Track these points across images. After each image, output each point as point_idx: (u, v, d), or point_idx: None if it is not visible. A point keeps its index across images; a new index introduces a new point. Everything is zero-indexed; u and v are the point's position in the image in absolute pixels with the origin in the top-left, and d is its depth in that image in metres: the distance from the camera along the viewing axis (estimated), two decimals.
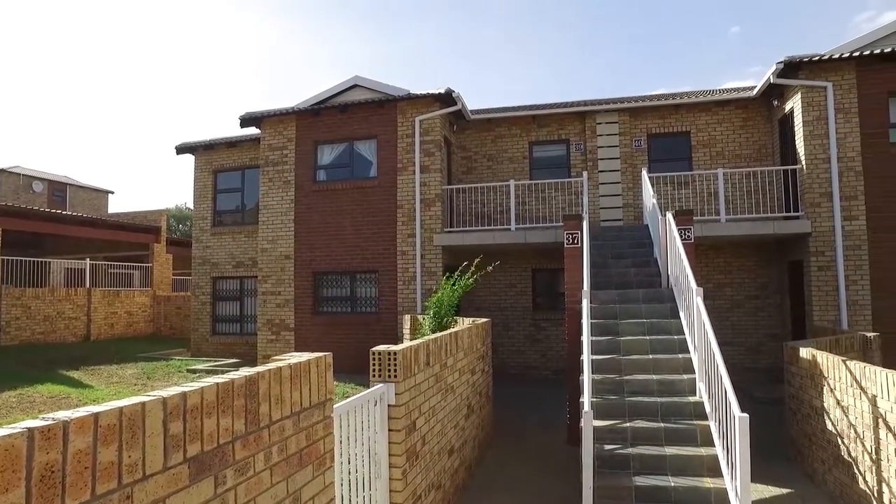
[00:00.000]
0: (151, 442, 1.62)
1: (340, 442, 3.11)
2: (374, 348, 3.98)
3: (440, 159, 12.18)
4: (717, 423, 5.09)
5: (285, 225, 12.91)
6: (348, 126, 12.70)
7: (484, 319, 8.02)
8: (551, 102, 13.82)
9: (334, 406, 2.92)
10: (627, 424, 5.64)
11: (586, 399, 4.90)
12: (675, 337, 6.73)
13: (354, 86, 13.33)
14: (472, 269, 8.43)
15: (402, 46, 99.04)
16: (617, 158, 12.70)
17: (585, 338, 5.76)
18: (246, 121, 13.26)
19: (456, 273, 8.77)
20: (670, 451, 5.26)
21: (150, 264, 21.69)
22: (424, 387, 4.63)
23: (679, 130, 12.69)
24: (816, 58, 10.32)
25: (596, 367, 6.30)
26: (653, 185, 10.10)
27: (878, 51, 10.17)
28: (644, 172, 10.51)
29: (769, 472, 6.22)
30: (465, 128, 13.66)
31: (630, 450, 5.33)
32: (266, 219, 13.08)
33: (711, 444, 5.23)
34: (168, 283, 22.51)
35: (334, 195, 12.68)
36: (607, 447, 5.37)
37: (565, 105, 13.36)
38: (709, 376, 5.39)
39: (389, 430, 3.89)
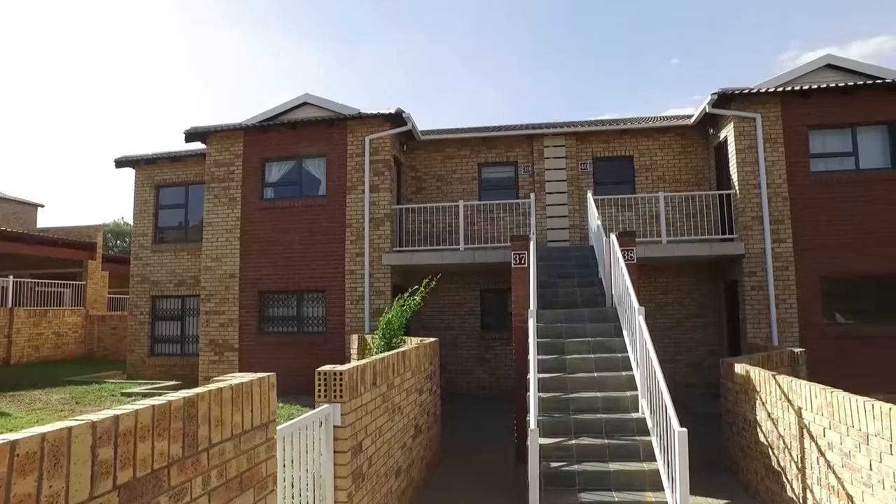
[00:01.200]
0: (77, 470, 1.54)
1: (284, 465, 3.03)
2: (319, 368, 3.92)
3: (390, 179, 12.19)
4: (658, 439, 5.24)
5: (230, 243, 12.59)
6: (297, 144, 12.57)
7: (432, 339, 8.01)
8: (500, 125, 14.11)
9: (278, 427, 2.85)
10: (573, 442, 5.72)
11: (532, 417, 4.95)
12: (619, 355, 6.91)
13: (304, 103, 13.24)
14: (421, 289, 8.42)
15: (352, 66, 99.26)
16: (563, 181, 13.05)
17: (532, 357, 5.83)
18: (191, 136, 12.93)
19: (406, 294, 8.75)
20: (614, 466, 5.37)
21: (83, 282, 20.64)
22: (371, 407, 4.58)
23: (623, 155, 13.17)
24: (746, 90, 10.97)
25: (542, 386, 6.39)
26: (598, 207, 10.42)
27: (797, 87, 10.92)
28: (589, 195, 10.84)
29: (708, 485, 6.42)
30: (414, 148, 13.76)
31: (575, 466, 5.40)
32: (210, 236, 12.72)
33: (653, 459, 5.37)
34: (103, 302, 21.45)
35: (282, 213, 12.48)
36: (553, 464, 5.43)
37: (514, 128, 13.67)
38: (651, 393, 5.55)
39: (335, 451, 3.82)
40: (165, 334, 14.56)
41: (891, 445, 3.83)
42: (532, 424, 4.82)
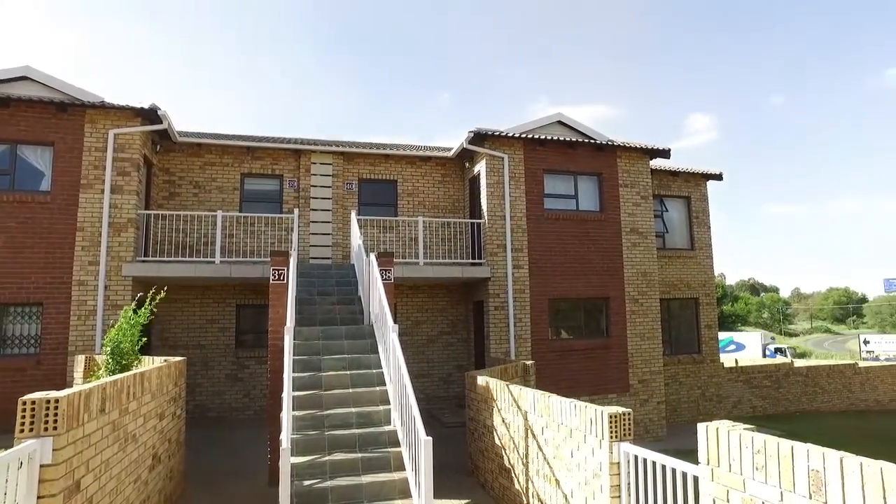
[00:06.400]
0: None
1: None
2: (24, 397, 3.29)
3: (137, 180, 10.86)
4: (408, 448, 5.53)
5: None
6: (11, 125, 10.40)
7: (178, 358, 7.30)
8: (268, 136, 13.65)
9: None
10: (326, 458, 5.71)
11: (285, 436, 4.83)
12: (374, 371, 7.14)
13: (24, 77, 11.02)
14: (147, 304, 7.41)
15: (102, 47, 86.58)
16: (329, 199, 13.12)
17: (287, 375, 5.69)
18: None
19: (140, 306, 7.72)
20: (366, 479, 5.50)
21: None
22: (96, 437, 3.99)
23: (387, 178, 13.77)
24: (497, 133, 12.44)
25: (298, 404, 6.28)
26: (360, 227, 10.70)
27: (537, 136, 12.78)
28: (353, 214, 11.06)
29: (452, 487, 6.97)
30: (170, 149, 12.50)
31: (328, 483, 5.40)
32: None
33: (404, 468, 5.64)
34: None
35: None
36: (306, 483, 5.35)
37: (282, 140, 13.34)
38: (402, 406, 5.83)
39: (39, 496, 3.21)
40: None
41: (585, 436, 4.64)
42: (284, 443, 4.69)
